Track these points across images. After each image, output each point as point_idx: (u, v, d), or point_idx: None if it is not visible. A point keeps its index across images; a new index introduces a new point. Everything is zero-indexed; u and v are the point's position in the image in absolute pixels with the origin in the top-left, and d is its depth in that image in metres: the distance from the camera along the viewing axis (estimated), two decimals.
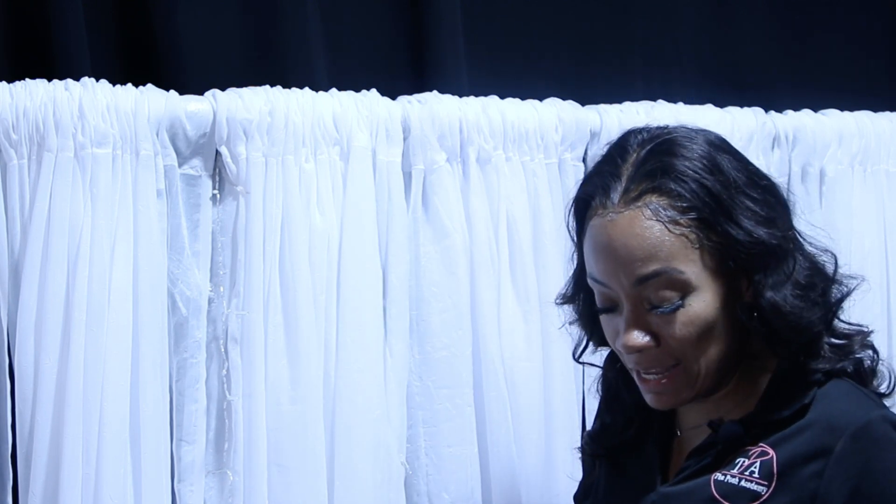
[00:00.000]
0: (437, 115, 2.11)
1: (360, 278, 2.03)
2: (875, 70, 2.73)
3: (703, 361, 1.51)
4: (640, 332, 1.51)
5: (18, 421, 1.84)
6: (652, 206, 1.49)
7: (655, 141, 1.55)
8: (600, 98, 2.32)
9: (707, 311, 1.50)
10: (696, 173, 1.50)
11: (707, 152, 1.53)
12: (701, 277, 1.49)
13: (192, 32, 2.07)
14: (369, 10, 2.24)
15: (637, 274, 1.49)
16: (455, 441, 2.09)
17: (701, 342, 1.50)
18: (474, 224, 2.13)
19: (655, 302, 1.50)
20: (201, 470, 1.97)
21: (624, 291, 1.52)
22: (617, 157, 1.55)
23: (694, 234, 1.49)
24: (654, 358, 1.52)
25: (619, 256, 1.50)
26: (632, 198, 1.50)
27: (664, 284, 1.49)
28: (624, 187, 1.51)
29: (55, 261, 1.84)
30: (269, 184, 1.98)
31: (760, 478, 1.49)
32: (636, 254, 1.49)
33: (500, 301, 2.15)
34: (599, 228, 1.52)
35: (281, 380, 1.98)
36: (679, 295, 1.49)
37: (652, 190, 1.50)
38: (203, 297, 1.98)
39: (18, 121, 1.85)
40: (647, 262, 1.49)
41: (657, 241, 1.48)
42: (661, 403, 1.56)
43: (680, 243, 1.49)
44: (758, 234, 1.49)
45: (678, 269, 1.49)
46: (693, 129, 1.58)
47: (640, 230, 1.49)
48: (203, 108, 1.97)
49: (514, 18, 2.36)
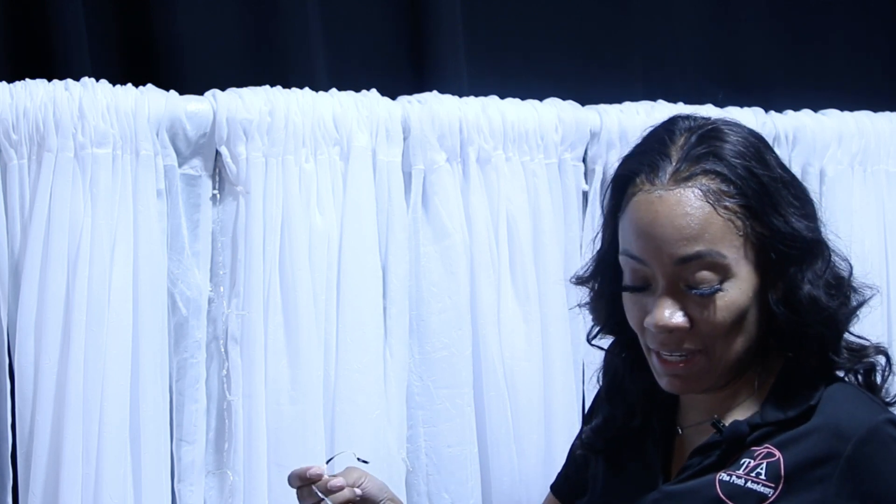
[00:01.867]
0: (437, 115, 2.11)
1: (360, 278, 2.03)
2: (875, 70, 2.73)
3: (727, 351, 1.51)
4: (672, 314, 1.50)
5: (18, 421, 1.84)
6: (703, 187, 1.49)
7: (704, 127, 1.55)
8: (600, 98, 2.32)
9: (742, 298, 1.50)
10: (746, 161, 1.51)
11: (753, 143, 1.54)
12: (740, 264, 1.49)
13: (192, 32, 2.06)
14: (369, 10, 2.24)
15: (680, 253, 1.48)
16: (455, 441, 2.09)
17: (731, 330, 1.50)
18: (474, 224, 2.13)
19: (693, 283, 1.49)
20: (201, 470, 1.97)
21: (663, 269, 1.50)
22: (665, 138, 1.55)
23: (740, 221, 1.49)
24: (680, 340, 1.51)
25: (664, 234, 1.49)
26: (683, 177, 1.50)
27: (705, 266, 1.48)
28: (674, 167, 1.51)
29: (55, 261, 1.84)
30: (269, 184, 1.98)
31: (767, 479, 1.48)
32: (683, 232, 1.48)
33: (500, 301, 2.15)
34: (645, 204, 1.51)
35: (281, 380, 1.98)
36: (718, 279, 1.49)
37: (704, 172, 1.50)
38: (203, 297, 1.98)
39: (18, 121, 1.85)
40: (693, 242, 1.48)
41: (705, 222, 1.48)
42: (676, 387, 1.55)
43: (726, 227, 1.48)
44: (799, 228, 1.50)
45: (721, 253, 1.48)
46: (736, 123, 1.58)
47: (689, 209, 1.48)
48: (203, 108, 1.97)
49: (514, 18, 2.36)
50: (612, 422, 1.68)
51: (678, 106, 2.37)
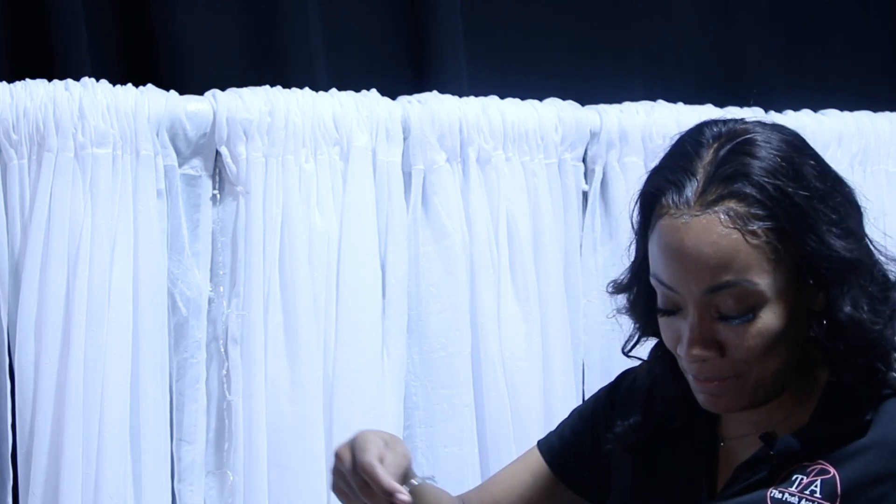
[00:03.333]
0: (437, 115, 2.11)
1: (359, 278, 2.03)
2: (875, 70, 2.73)
3: (763, 373, 1.43)
4: (705, 341, 1.42)
5: (18, 421, 1.85)
6: (731, 212, 1.38)
7: (734, 140, 1.43)
8: (600, 98, 2.32)
9: (777, 323, 1.40)
10: (777, 180, 1.39)
11: (788, 155, 1.42)
12: (774, 289, 1.40)
13: (192, 32, 2.06)
14: (369, 10, 2.24)
15: (709, 283, 1.39)
16: (452, 441, 2.09)
17: (767, 355, 1.41)
18: (474, 224, 2.13)
19: (725, 312, 1.40)
20: (201, 470, 1.97)
21: (692, 298, 1.42)
22: (691, 152, 1.44)
23: (772, 245, 1.38)
24: (715, 368, 1.43)
25: (691, 263, 1.40)
26: (709, 201, 1.39)
27: (736, 295, 1.39)
28: (701, 188, 1.40)
29: (55, 261, 1.84)
30: (269, 184, 1.98)
31: (822, 497, 1.40)
32: (710, 262, 1.38)
33: (500, 301, 2.15)
34: (671, 230, 1.41)
35: (281, 380, 1.98)
36: (751, 307, 1.39)
37: (731, 194, 1.39)
38: (203, 297, 1.98)
39: (19, 121, 1.85)
40: (721, 271, 1.38)
41: (733, 251, 1.38)
42: (713, 406, 1.47)
43: (757, 254, 1.38)
44: (837, 249, 1.40)
45: (752, 281, 1.38)
46: (771, 127, 1.47)
47: (716, 237, 1.38)
48: (203, 108, 1.97)
49: (514, 18, 2.36)
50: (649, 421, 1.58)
51: (678, 106, 2.38)
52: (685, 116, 2.35)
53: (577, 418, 1.70)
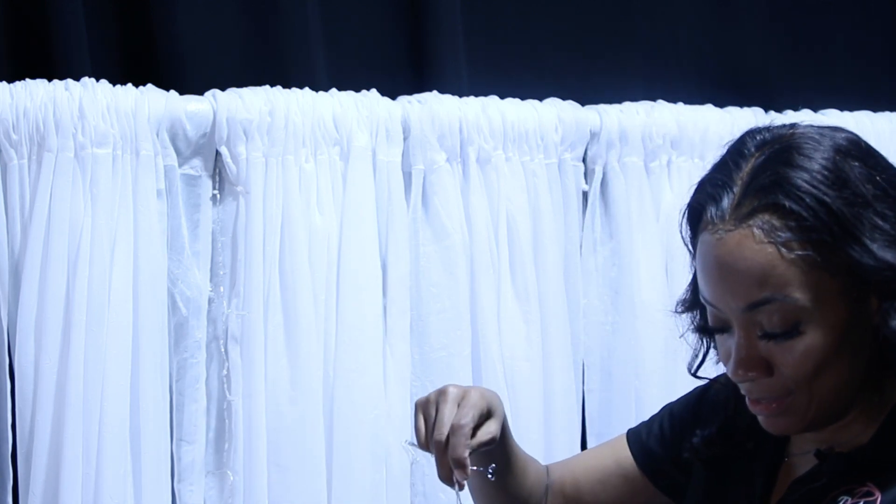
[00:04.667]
0: (437, 115, 2.11)
1: (359, 278, 2.03)
2: (875, 70, 2.73)
3: (818, 392, 1.36)
4: (750, 360, 1.37)
5: (18, 421, 1.84)
6: (765, 226, 1.33)
7: (773, 147, 1.38)
8: (600, 98, 2.33)
9: (826, 340, 1.34)
10: (815, 188, 1.32)
11: (832, 161, 1.34)
12: (819, 304, 1.33)
13: (192, 32, 2.06)
14: (369, 10, 2.24)
15: (747, 300, 1.34)
16: None
17: (818, 373, 1.35)
18: (474, 224, 2.13)
19: (768, 329, 1.34)
20: (201, 470, 1.97)
21: (734, 316, 1.36)
22: (731, 163, 1.39)
23: (812, 258, 1.32)
24: (765, 387, 1.38)
25: (728, 280, 1.35)
26: (743, 214, 1.34)
27: (777, 311, 1.33)
28: (736, 201, 1.35)
29: (55, 261, 1.84)
30: (269, 184, 1.98)
31: None
32: (746, 278, 1.33)
33: (500, 301, 2.15)
34: (709, 246, 1.36)
35: (281, 380, 1.98)
36: (795, 323, 1.33)
37: (765, 207, 1.33)
38: (203, 297, 1.98)
39: (19, 121, 1.85)
40: (758, 287, 1.33)
41: (769, 266, 1.32)
42: (773, 428, 1.42)
43: (795, 268, 1.32)
44: (885, 258, 1.32)
45: (793, 297, 1.32)
46: (821, 131, 1.40)
47: (749, 253, 1.33)
48: (203, 108, 1.97)
49: (514, 18, 2.36)
50: (725, 436, 1.54)
51: (678, 106, 2.38)
52: (685, 116, 2.35)
53: (667, 415, 1.67)
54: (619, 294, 2.29)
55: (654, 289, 2.27)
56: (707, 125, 2.35)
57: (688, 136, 2.34)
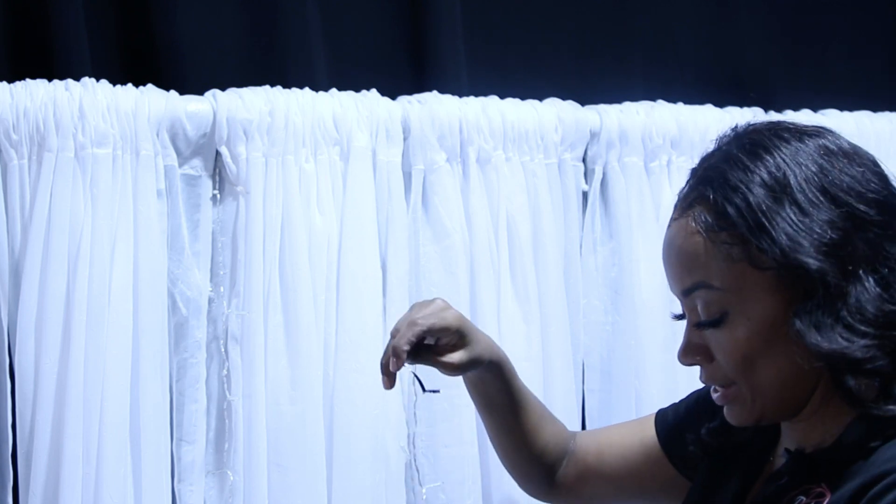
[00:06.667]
0: (437, 115, 2.11)
1: (359, 278, 2.03)
2: (875, 70, 2.73)
3: (758, 384, 1.40)
4: (690, 345, 1.44)
5: (19, 421, 1.84)
6: (698, 215, 1.41)
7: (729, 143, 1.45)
8: (600, 98, 2.33)
9: (754, 328, 1.38)
10: (743, 185, 1.38)
11: (777, 161, 1.39)
12: (743, 295, 1.38)
13: (192, 32, 2.06)
14: (369, 10, 2.24)
15: (681, 286, 1.43)
16: (452, 441, 2.09)
17: (750, 363, 1.39)
18: (474, 224, 2.13)
19: (700, 315, 1.42)
20: (201, 470, 1.97)
21: (680, 302, 1.45)
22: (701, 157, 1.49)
23: (735, 249, 1.38)
24: (710, 374, 1.44)
25: (669, 264, 1.45)
26: (685, 205, 1.44)
27: (704, 298, 1.40)
28: (684, 192, 1.45)
29: (55, 261, 1.84)
30: (269, 184, 1.98)
31: None
32: (679, 264, 1.43)
33: (500, 301, 2.15)
34: (664, 233, 1.48)
35: (281, 380, 1.98)
36: (721, 312, 1.39)
37: (699, 199, 1.42)
38: (203, 297, 1.98)
39: (19, 121, 1.85)
40: (688, 273, 1.42)
41: (695, 254, 1.40)
42: (729, 417, 1.47)
43: (719, 257, 1.38)
44: (798, 256, 1.34)
45: (714, 285, 1.39)
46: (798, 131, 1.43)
47: (681, 241, 1.42)
48: (203, 108, 1.97)
49: (514, 18, 2.36)
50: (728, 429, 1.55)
51: (678, 106, 2.38)
52: (685, 116, 2.35)
53: (693, 400, 1.71)
54: (619, 294, 2.29)
55: (654, 289, 2.27)
56: (707, 125, 2.35)
57: (688, 136, 2.34)
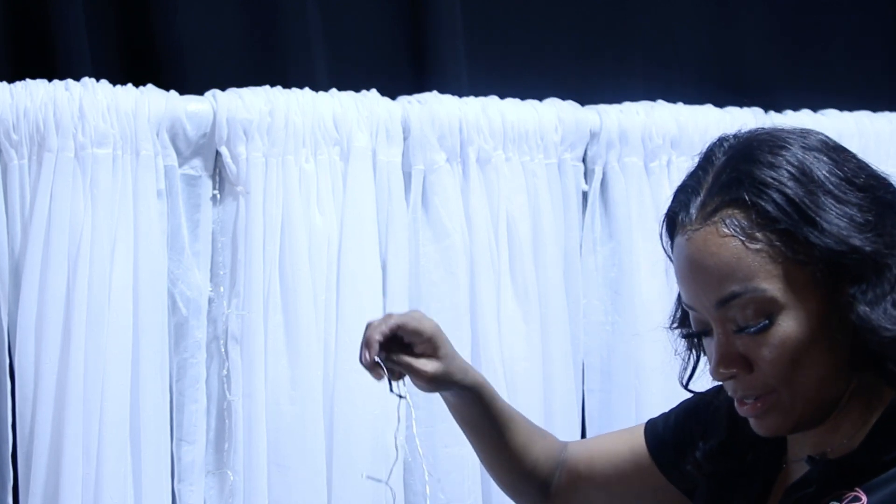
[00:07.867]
0: (437, 115, 2.11)
1: (359, 278, 2.03)
2: (875, 70, 2.73)
3: (800, 387, 1.36)
4: (729, 357, 1.38)
5: (19, 421, 1.85)
6: (728, 220, 1.35)
7: (736, 148, 1.41)
8: (600, 98, 2.33)
9: (800, 330, 1.34)
10: (776, 181, 1.35)
11: (795, 156, 1.38)
12: (789, 294, 1.34)
13: (192, 32, 2.07)
14: (369, 10, 2.24)
15: (717, 296, 1.36)
16: (452, 441, 2.09)
17: (796, 365, 1.35)
18: (474, 224, 2.13)
19: (741, 323, 1.35)
20: (201, 470, 1.97)
21: (709, 315, 1.38)
22: (699, 169, 1.43)
23: (776, 249, 1.34)
24: (747, 384, 1.38)
25: (698, 278, 1.37)
26: (708, 212, 1.37)
27: (748, 305, 1.35)
28: (702, 201, 1.38)
29: (55, 261, 1.84)
30: (269, 184, 1.98)
31: None
32: (713, 274, 1.35)
33: (500, 301, 2.15)
34: (680, 248, 1.40)
35: (281, 380, 1.98)
36: (766, 315, 1.34)
37: (728, 203, 1.36)
38: (203, 297, 1.98)
39: (19, 121, 1.85)
40: (726, 282, 1.35)
41: (734, 259, 1.35)
42: (762, 429, 1.42)
43: (761, 259, 1.34)
44: (850, 241, 1.33)
45: (760, 288, 1.34)
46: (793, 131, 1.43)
47: (714, 248, 1.35)
48: (203, 108, 1.97)
49: (514, 18, 2.36)
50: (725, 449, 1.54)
51: (678, 106, 2.38)
52: (685, 116, 2.35)
53: (682, 410, 1.68)
54: (619, 294, 2.29)
55: (654, 289, 2.27)
56: (707, 125, 2.35)
57: (688, 136, 2.34)
